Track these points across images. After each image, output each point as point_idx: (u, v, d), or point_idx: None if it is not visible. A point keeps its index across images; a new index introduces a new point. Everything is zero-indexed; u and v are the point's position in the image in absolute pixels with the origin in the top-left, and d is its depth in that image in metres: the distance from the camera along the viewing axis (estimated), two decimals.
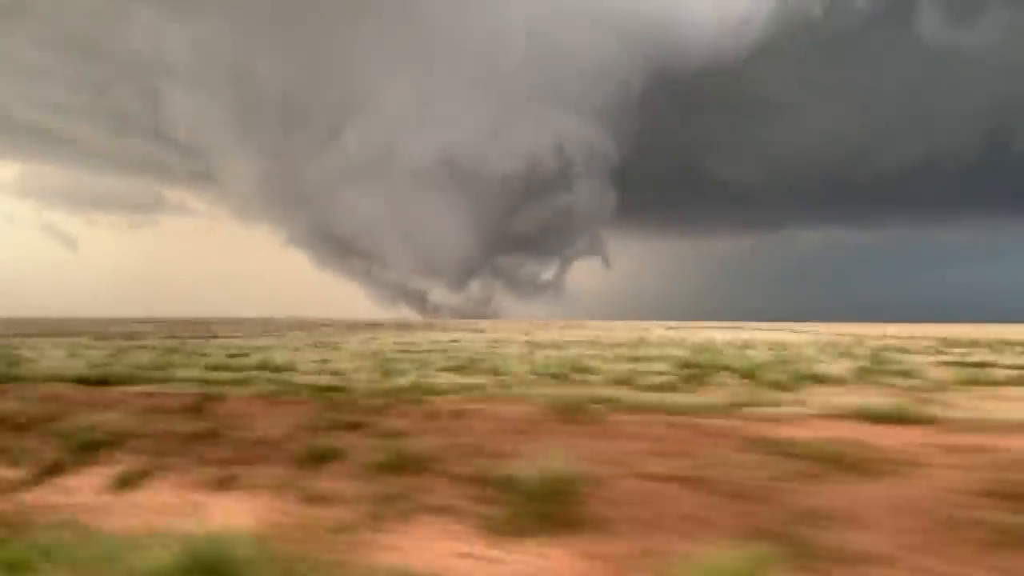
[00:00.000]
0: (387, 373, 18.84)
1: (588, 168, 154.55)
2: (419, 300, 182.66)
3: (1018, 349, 34.59)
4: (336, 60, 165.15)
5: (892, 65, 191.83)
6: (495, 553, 5.07)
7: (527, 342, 44.14)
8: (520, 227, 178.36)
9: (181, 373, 17.99)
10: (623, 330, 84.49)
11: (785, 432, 8.64)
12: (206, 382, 15.50)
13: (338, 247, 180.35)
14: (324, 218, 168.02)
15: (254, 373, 18.41)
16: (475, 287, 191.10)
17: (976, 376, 17.88)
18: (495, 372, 19.80)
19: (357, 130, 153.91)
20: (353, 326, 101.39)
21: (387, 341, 46.88)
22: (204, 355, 27.26)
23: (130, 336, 55.73)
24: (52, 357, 25.10)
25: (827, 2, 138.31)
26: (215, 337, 55.02)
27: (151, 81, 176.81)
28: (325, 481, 6.91)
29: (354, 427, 9.46)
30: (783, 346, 36.76)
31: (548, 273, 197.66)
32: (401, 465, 7.17)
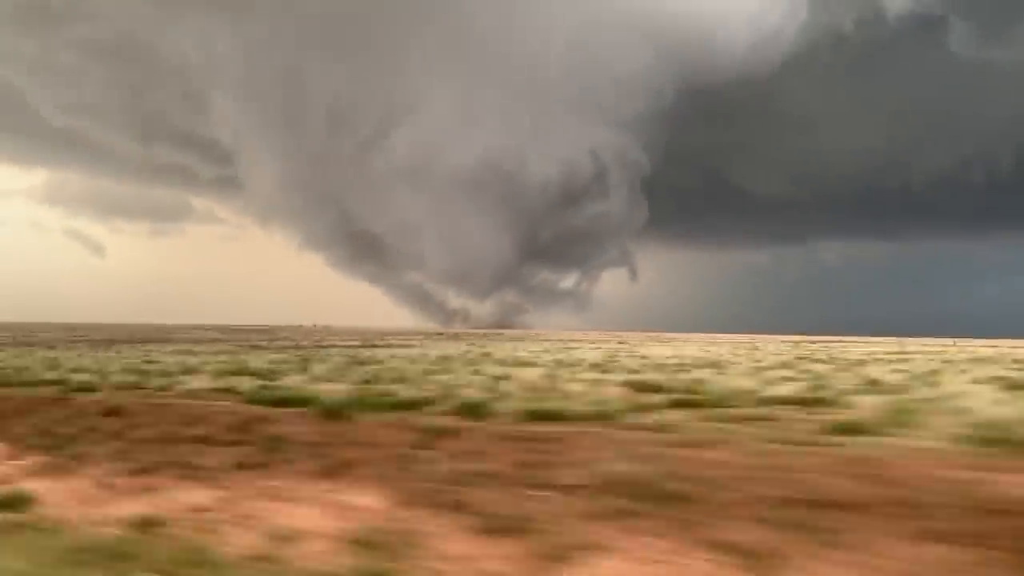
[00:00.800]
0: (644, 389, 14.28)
1: (621, 177, 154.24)
2: (447, 308, 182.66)
3: None
4: (387, 67, 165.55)
5: (922, 79, 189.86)
6: None
7: (639, 356, 34.67)
8: (552, 236, 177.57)
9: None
10: (695, 343, 68.95)
11: None
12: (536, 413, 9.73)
13: (368, 252, 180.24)
14: (358, 222, 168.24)
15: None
16: (503, 296, 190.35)
17: None
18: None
19: (401, 136, 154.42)
20: (404, 335, 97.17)
21: (503, 351, 41.14)
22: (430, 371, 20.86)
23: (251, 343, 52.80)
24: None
25: (858, 17, 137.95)
26: (330, 345, 51.75)
27: (194, 85, 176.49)
28: None
29: None
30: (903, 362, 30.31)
31: (570, 282, 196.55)
32: None
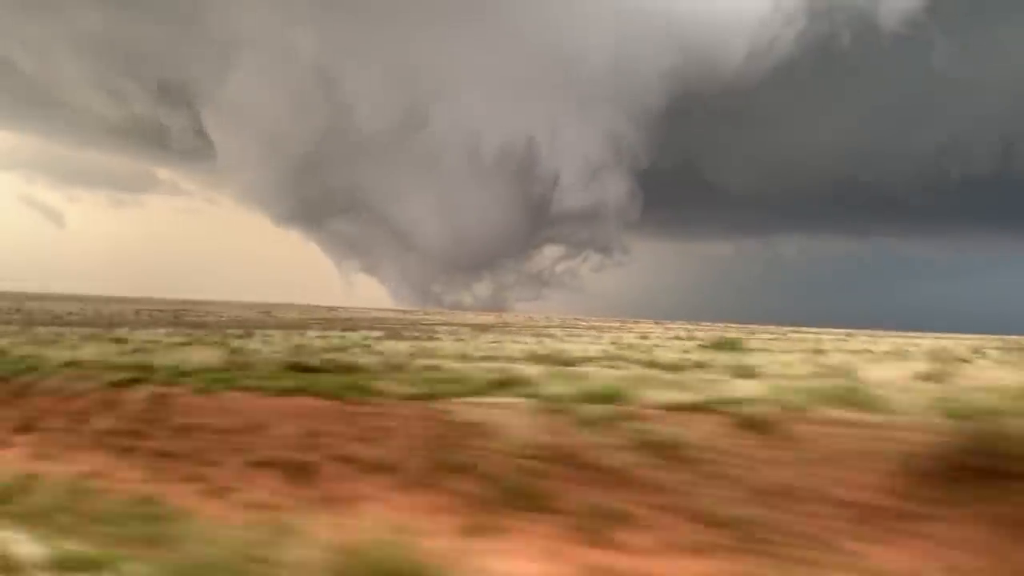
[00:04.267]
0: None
1: (625, 169, 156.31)
2: (430, 290, 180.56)
3: None
4: (430, 56, 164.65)
5: (903, 90, 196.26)
6: None
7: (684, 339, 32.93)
8: (553, 223, 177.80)
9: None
10: (708, 331, 63.72)
11: None
12: None
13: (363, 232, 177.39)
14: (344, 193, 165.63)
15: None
16: (493, 281, 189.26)
17: None
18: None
19: (436, 118, 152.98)
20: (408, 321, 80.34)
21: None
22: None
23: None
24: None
25: (855, 31, 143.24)
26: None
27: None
28: None
29: None
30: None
31: (559, 268, 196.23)
32: None
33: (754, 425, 6.45)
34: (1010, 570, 4.53)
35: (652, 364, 16.25)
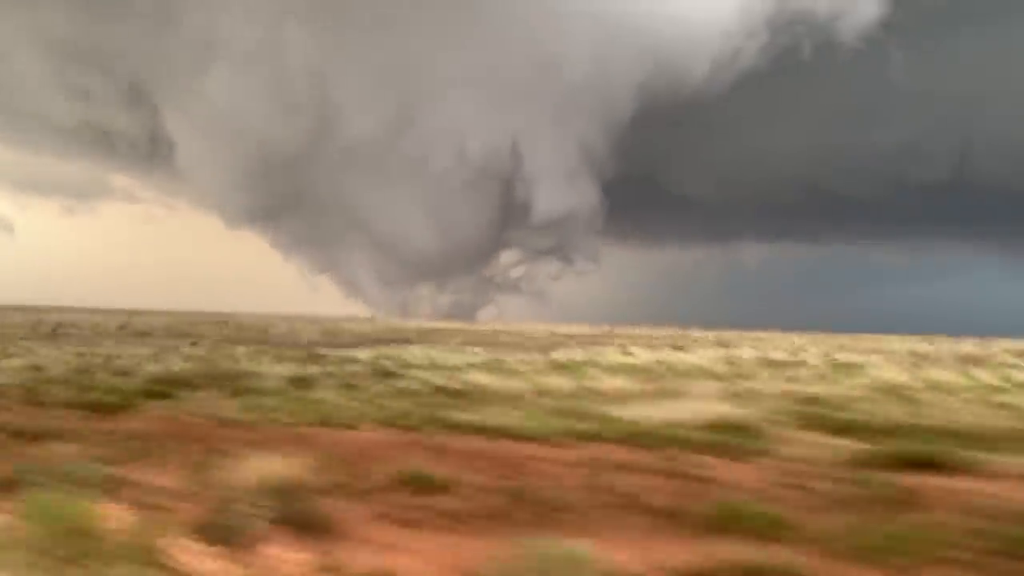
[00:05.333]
0: None
1: (592, 176, 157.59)
2: (406, 297, 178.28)
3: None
4: (411, 68, 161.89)
5: (862, 100, 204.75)
6: None
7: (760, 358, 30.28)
8: (521, 229, 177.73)
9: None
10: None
11: None
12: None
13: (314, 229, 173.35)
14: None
15: None
16: (456, 289, 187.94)
17: None
18: None
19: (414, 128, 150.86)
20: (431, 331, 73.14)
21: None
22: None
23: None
24: None
25: (818, 43, 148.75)
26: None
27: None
28: None
29: None
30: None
31: (528, 275, 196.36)
32: None
33: None
34: None
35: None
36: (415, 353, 29.49)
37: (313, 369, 20.96)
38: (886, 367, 24.78)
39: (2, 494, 5.91)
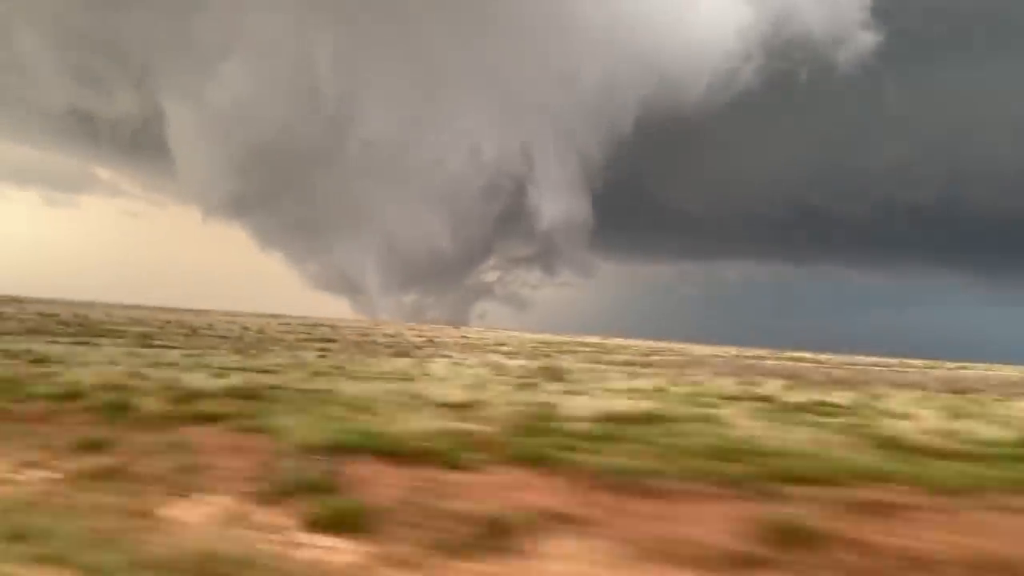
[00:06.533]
0: None
1: (585, 190, 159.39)
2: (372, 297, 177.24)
3: None
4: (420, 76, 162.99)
5: (854, 125, 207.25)
6: None
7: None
8: (509, 238, 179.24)
9: None
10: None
11: None
12: None
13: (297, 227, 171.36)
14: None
15: None
16: (442, 295, 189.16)
17: None
18: None
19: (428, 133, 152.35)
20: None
21: None
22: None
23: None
24: None
25: (814, 69, 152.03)
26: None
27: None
28: None
29: None
30: None
31: (515, 284, 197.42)
32: None
33: None
34: None
35: None
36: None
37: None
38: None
39: None
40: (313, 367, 22.00)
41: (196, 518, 6.10)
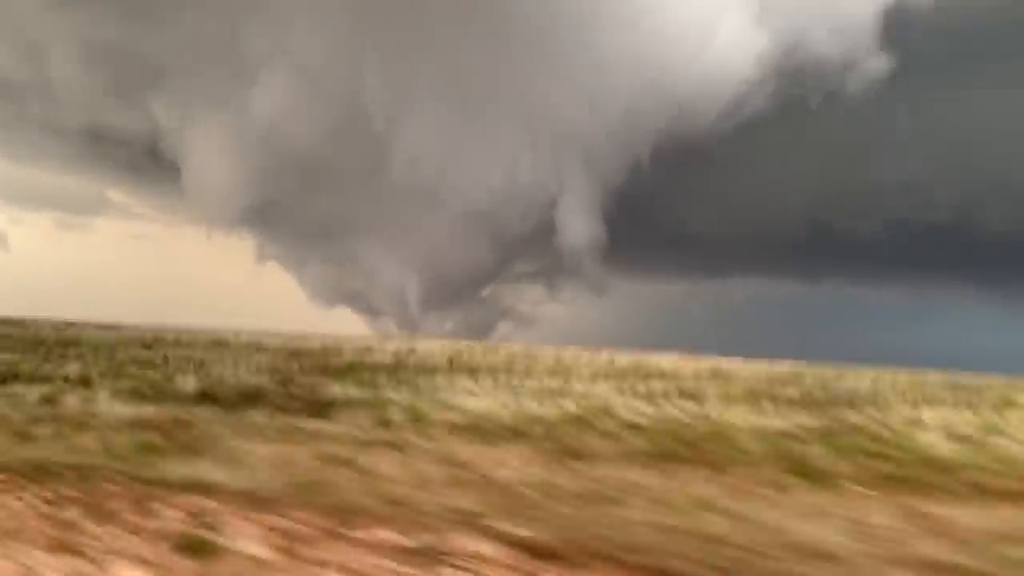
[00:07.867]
0: None
1: (599, 212, 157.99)
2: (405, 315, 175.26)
3: None
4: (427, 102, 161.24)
5: (868, 145, 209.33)
6: None
7: None
8: (529, 258, 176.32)
9: None
10: None
11: None
12: None
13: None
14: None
15: None
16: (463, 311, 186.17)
17: None
18: None
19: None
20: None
21: None
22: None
23: None
24: None
25: (822, 96, 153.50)
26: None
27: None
28: None
29: None
30: None
31: (531, 302, 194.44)
32: None
33: None
34: None
35: None
36: None
37: None
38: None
39: None
40: None
41: None
